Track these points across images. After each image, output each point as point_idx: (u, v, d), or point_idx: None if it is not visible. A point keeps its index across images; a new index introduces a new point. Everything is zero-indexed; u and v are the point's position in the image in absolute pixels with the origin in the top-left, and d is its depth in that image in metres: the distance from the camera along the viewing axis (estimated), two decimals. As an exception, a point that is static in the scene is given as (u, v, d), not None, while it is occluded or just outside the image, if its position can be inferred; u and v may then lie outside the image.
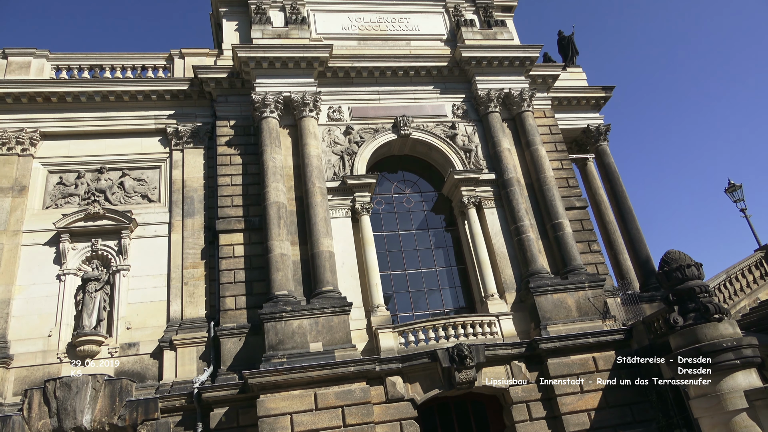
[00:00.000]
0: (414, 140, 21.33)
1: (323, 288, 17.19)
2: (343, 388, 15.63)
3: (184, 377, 16.74)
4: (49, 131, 20.14)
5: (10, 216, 18.45)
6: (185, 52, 22.33)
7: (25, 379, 16.47)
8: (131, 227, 18.82)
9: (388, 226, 20.84)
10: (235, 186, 19.46)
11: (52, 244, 18.47)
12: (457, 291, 20.28)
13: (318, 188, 18.79)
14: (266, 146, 19.26)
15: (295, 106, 20.20)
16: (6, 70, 20.76)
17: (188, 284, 18.20)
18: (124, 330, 17.52)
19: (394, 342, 17.23)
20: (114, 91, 20.65)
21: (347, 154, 20.25)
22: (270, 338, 16.17)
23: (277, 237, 17.81)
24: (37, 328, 17.21)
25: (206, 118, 21.18)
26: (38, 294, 17.69)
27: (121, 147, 20.47)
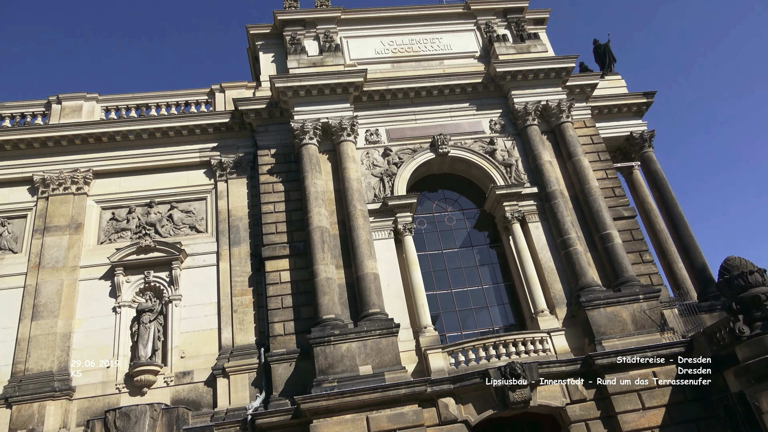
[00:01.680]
0: (453, 158, 21.30)
1: (370, 310, 17.17)
2: (395, 411, 15.46)
3: (238, 404, 16.92)
4: (101, 170, 21.03)
5: (68, 252, 19.25)
6: (225, 86, 23.06)
7: (87, 410, 16.97)
8: (181, 258, 19.34)
9: (431, 245, 20.75)
10: (278, 213, 19.80)
11: (107, 277, 19.15)
12: (505, 308, 19.93)
13: (359, 211, 18.91)
14: (307, 172, 19.58)
15: (333, 132, 20.51)
16: (60, 114, 21.87)
17: (237, 311, 18.50)
18: (179, 359, 17.90)
19: (444, 362, 17.00)
20: (160, 128, 21.45)
21: (387, 176, 20.37)
22: (320, 362, 16.20)
23: (322, 261, 17.96)
24: (96, 360, 17.76)
25: (248, 149, 21.73)
26: (96, 327, 18.32)
27: (169, 181, 21.18)
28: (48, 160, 20.93)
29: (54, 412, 16.60)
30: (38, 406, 16.52)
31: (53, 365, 17.35)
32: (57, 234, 19.54)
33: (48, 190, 20.36)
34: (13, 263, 19.31)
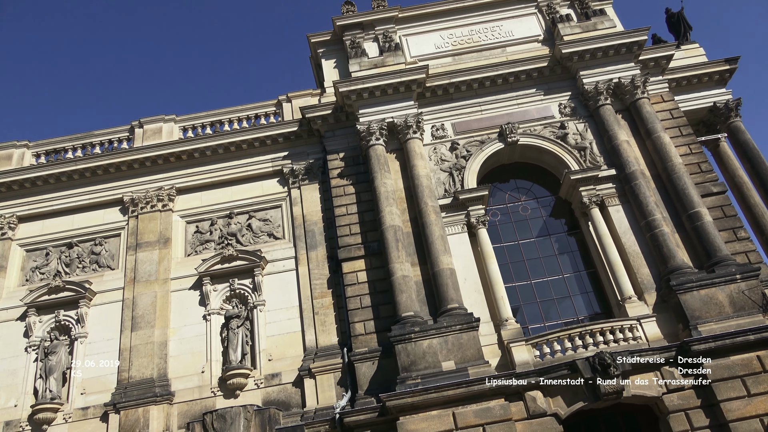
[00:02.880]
0: (522, 146, 20.80)
1: (448, 306, 17.08)
2: (481, 405, 15.28)
3: (325, 403, 17.33)
4: (183, 186, 22.21)
5: (159, 266, 20.46)
6: (291, 96, 23.72)
7: (186, 413, 17.96)
8: (262, 265, 20.06)
9: (506, 236, 20.36)
10: (351, 215, 20.12)
11: (196, 287, 20.18)
12: (589, 296, 19.22)
13: (431, 207, 18.86)
14: (376, 173, 19.76)
15: (399, 130, 20.59)
16: (143, 137, 23.30)
17: (319, 313, 18.96)
18: (267, 362, 18.57)
19: (528, 355, 16.63)
20: (233, 142, 22.37)
21: (456, 170, 20.20)
22: (402, 360, 16.28)
23: (397, 259, 18.06)
24: (191, 366, 18.78)
25: (317, 155, 22.23)
26: (189, 334, 19.35)
27: (245, 191, 22.04)
28: (135, 181, 22.36)
29: (157, 415, 17.70)
30: (143, 411, 17.66)
31: (153, 372, 18.49)
32: (148, 249, 20.82)
33: (137, 209, 21.73)
34: (111, 279, 20.77)
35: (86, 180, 22.49)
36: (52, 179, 22.41)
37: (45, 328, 19.95)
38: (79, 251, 21.48)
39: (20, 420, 18.40)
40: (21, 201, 22.41)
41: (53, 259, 21.45)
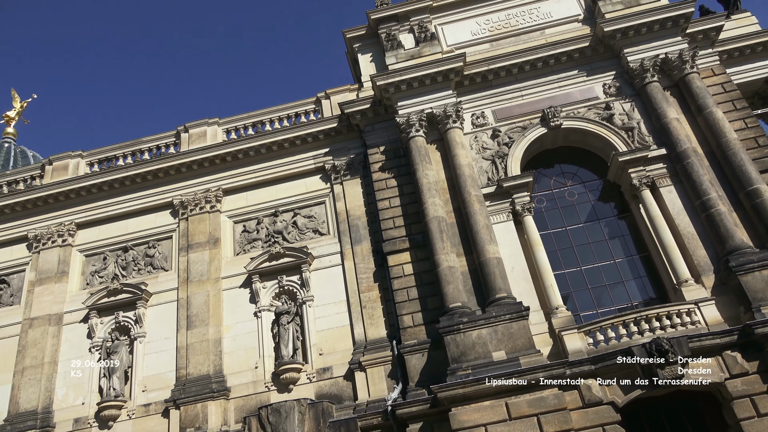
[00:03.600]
0: (566, 130, 20.29)
1: (497, 295, 16.89)
2: (534, 395, 15.06)
3: (377, 396, 17.45)
4: (229, 187, 22.70)
5: (210, 266, 21.02)
6: (330, 92, 23.87)
7: (242, 408, 18.43)
8: (309, 261, 20.33)
9: (553, 223, 19.94)
10: (394, 208, 20.12)
11: (246, 285, 20.64)
12: (643, 281, 18.63)
13: (474, 196, 18.65)
14: (417, 164, 19.68)
15: (439, 120, 20.42)
16: (189, 141, 23.93)
17: (366, 307, 19.08)
18: (317, 356, 18.86)
19: (581, 343, 16.27)
20: (275, 141, 22.69)
21: (498, 157, 19.90)
22: (451, 351, 16.21)
23: (442, 251, 17.96)
24: (245, 362, 19.25)
25: (358, 149, 22.31)
26: (241, 331, 19.83)
27: (289, 189, 22.35)
28: (183, 184, 23.00)
29: (215, 411, 18.24)
30: (201, 407, 18.23)
31: (209, 369, 19.04)
32: (199, 250, 21.41)
33: (186, 211, 22.36)
34: (166, 280, 21.48)
35: (137, 185, 23.29)
36: (106, 186, 23.31)
37: (106, 329, 20.83)
38: (134, 254, 22.30)
39: (88, 417, 19.32)
40: (78, 209, 23.41)
41: (110, 263, 22.34)
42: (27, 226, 23.44)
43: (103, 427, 18.99)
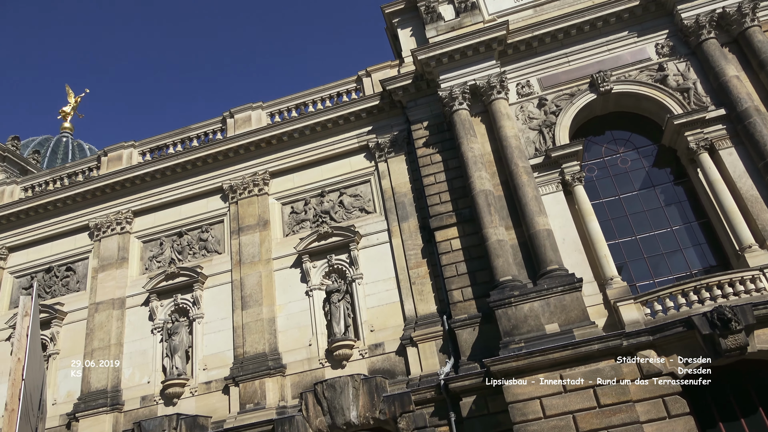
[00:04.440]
0: (617, 94, 19.50)
1: (548, 268, 16.58)
2: (589, 367, 14.78)
3: (429, 370, 17.55)
4: (275, 169, 23.03)
5: (261, 248, 21.48)
6: (370, 70, 23.72)
7: (298, 384, 18.93)
8: (356, 239, 20.49)
9: (605, 192, 19.32)
10: (439, 183, 19.94)
11: (296, 265, 21.02)
12: (702, 248, 17.88)
13: (522, 168, 18.25)
14: (462, 138, 19.38)
15: (483, 92, 20.00)
16: (235, 126, 24.34)
17: (416, 283, 19.12)
18: (369, 332, 19.09)
19: (638, 314, 15.82)
20: (318, 122, 22.80)
21: (545, 127, 19.36)
22: (503, 325, 16.07)
23: (491, 224, 17.72)
24: (298, 340, 19.71)
25: (401, 126, 22.16)
26: (294, 310, 20.27)
27: (334, 169, 22.48)
28: (231, 169, 23.47)
29: (272, 387, 18.79)
30: (259, 383, 18.81)
31: (265, 347, 19.58)
32: (249, 233, 21.89)
33: (236, 195, 22.84)
34: (220, 263, 22.11)
35: (188, 172, 23.93)
36: (158, 174, 24.05)
37: (166, 311, 21.69)
38: (189, 239, 23.03)
39: (153, 395, 20.28)
40: (134, 197, 24.29)
41: (167, 248, 23.16)
42: (88, 215, 24.53)
43: (168, 404, 19.89)
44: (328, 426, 17.20)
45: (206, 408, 19.38)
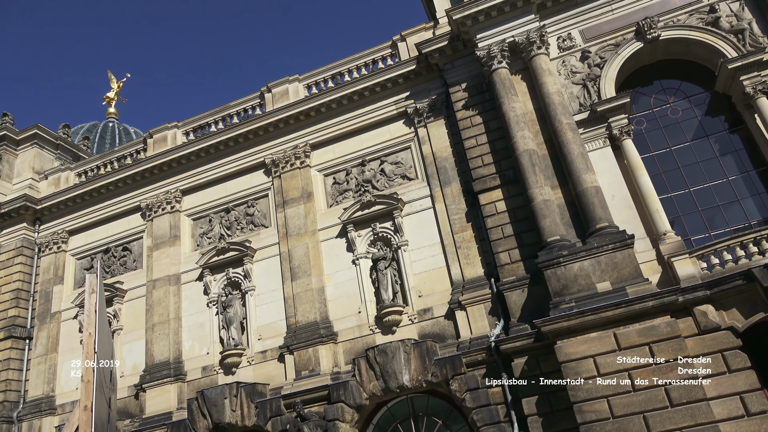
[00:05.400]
0: (665, 41, 18.57)
1: (597, 225, 16.21)
2: (644, 324, 14.52)
3: (479, 333, 17.63)
4: (316, 141, 23.13)
5: (306, 219, 21.79)
6: (405, 34, 23.29)
7: (350, 350, 19.37)
8: (400, 207, 20.51)
9: (655, 144, 18.61)
10: (481, 145, 19.61)
11: (341, 235, 21.26)
12: (762, 198, 17.08)
13: (566, 125, 17.73)
14: (502, 98, 18.93)
15: (522, 49, 19.39)
16: (273, 101, 24.47)
17: (461, 248, 19.07)
18: (417, 298, 19.26)
19: (693, 268, 15.38)
20: (355, 91, 22.63)
21: (590, 80, 18.68)
22: (552, 285, 15.91)
23: (536, 184, 17.39)
24: (348, 307, 20.08)
25: (439, 89, 21.80)
26: (342, 279, 20.60)
27: (374, 138, 22.40)
28: (273, 143, 23.69)
29: (325, 354, 19.29)
30: (312, 351, 19.34)
31: (316, 316, 20.04)
32: (294, 206, 22.20)
33: (278, 168, 23.10)
34: (267, 236, 22.58)
35: (230, 149, 24.30)
36: (202, 153, 24.52)
37: (219, 285, 22.40)
38: (236, 214, 23.56)
39: (213, 365, 21.15)
40: (181, 176, 24.90)
41: (216, 224, 23.77)
42: (139, 196, 25.36)
43: (228, 374, 20.73)
44: (381, 390, 17.60)
45: (263, 376, 20.11)
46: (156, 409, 20.78)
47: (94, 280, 8.64)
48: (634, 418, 13.67)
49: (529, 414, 15.52)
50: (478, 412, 16.46)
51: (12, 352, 24.15)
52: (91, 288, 8.61)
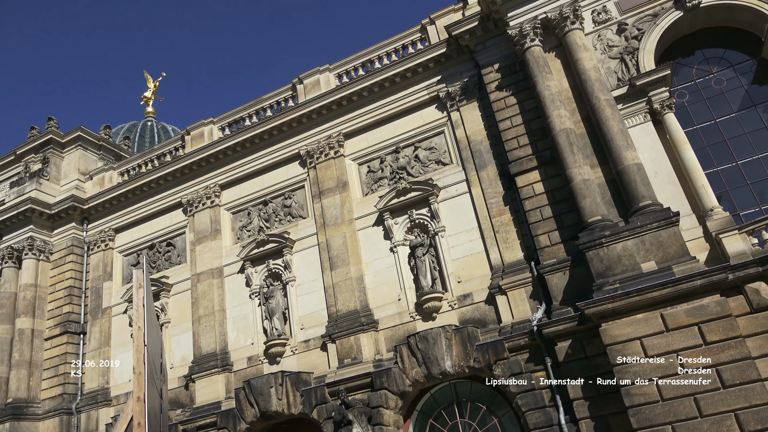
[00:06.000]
0: (707, 8, 17.76)
1: (640, 204, 15.74)
2: (692, 304, 14.09)
3: (520, 317, 17.45)
4: (348, 130, 23.15)
5: (342, 209, 21.90)
6: (434, 17, 22.98)
7: (391, 338, 19.47)
8: (435, 192, 20.38)
9: (699, 117, 17.93)
10: (516, 127, 19.25)
11: (378, 223, 21.30)
12: (816, 168, 16.29)
13: (604, 101, 17.20)
14: (536, 77, 18.50)
15: (555, 25, 18.86)
16: (305, 92, 24.58)
17: (499, 232, 18.85)
18: (456, 284, 19.17)
19: (743, 244, 14.79)
20: (386, 78, 22.49)
21: (627, 54, 18.07)
22: (595, 266, 15.57)
23: (574, 164, 16.98)
24: (388, 295, 20.15)
25: (470, 72, 21.46)
26: (380, 267, 20.67)
27: (406, 124, 22.27)
28: (307, 134, 23.82)
29: (367, 342, 19.45)
30: (354, 339, 19.52)
31: (356, 305, 20.19)
32: (330, 196, 22.33)
33: (313, 159, 23.25)
34: (305, 227, 22.82)
35: (265, 142, 24.56)
36: (238, 147, 24.87)
37: (260, 276, 22.80)
38: (274, 206, 23.87)
39: (258, 355, 21.61)
40: (219, 171, 25.35)
41: (254, 217, 24.15)
42: (179, 192, 25.96)
43: (272, 363, 21.15)
44: (424, 376, 17.66)
45: (307, 365, 20.44)
46: (205, 399, 21.41)
47: (141, 276, 8.89)
48: (685, 401, 13.33)
49: (575, 398, 15.32)
50: (523, 397, 16.34)
51: (68, 347, 25.25)
52: (138, 283, 8.86)
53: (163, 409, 10.08)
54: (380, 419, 17.67)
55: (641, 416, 13.62)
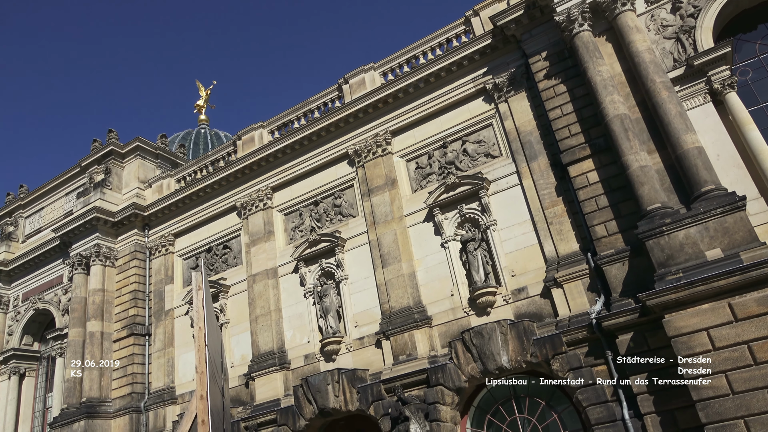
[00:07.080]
0: (769, -21, 16.80)
1: (702, 189, 15.02)
2: (763, 292, 13.31)
3: (577, 310, 16.99)
4: (396, 128, 23.13)
5: (392, 206, 21.93)
6: (477, 9, 22.64)
7: (445, 334, 19.36)
8: (485, 186, 20.11)
9: (764, 95, 16.94)
10: (567, 115, 18.74)
11: (427, 219, 21.21)
12: None
13: (660, 84, 16.50)
14: (587, 62, 17.94)
15: (605, 7, 18.23)
16: (350, 92, 24.73)
17: (553, 223, 18.41)
18: (510, 278, 18.86)
19: (820, 227, 13.89)
20: (431, 73, 22.33)
21: (683, 33, 17.26)
22: (656, 256, 14.97)
23: (630, 151, 16.37)
24: (440, 291, 20.05)
25: (517, 62, 21.05)
26: (432, 263, 20.58)
27: (453, 119, 22.05)
28: (353, 134, 23.95)
29: (421, 338, 19.42)
30: (408, 335, 19.52)
31: (409, 301, 20.19)
32: (379, 193, 22.41)
33: (361, 158, 23.38)
34: (355, 225, 22.99)
35: (313, 143, 24.89)
36: (288, 149, 25.30)
37: (314, 275, 23.14)
38: (324, 206, 24.17)
39: (314, 353, 21.96)
40: (270, 174, 25.85)
41: (306, 218, 24.53)
42: (233, 196, 26.66)
43: (329, 361, 21.43)
44: (480, 372, 17.47)
45: (362, 362, 20.60)
46: (265, 397, 21.93)
47: (200, 278, 9.19)
48: (758, 394, 12.66)
49: (639, 392, 14.80)
50: (583, 392, 15.91)
51: (135, 348, 26.42)
52: (197, 285, 9.16)
53: (225, 406, 10.39)
54: (437, 415, 17.61)
55: (710, 410, 13.03)
